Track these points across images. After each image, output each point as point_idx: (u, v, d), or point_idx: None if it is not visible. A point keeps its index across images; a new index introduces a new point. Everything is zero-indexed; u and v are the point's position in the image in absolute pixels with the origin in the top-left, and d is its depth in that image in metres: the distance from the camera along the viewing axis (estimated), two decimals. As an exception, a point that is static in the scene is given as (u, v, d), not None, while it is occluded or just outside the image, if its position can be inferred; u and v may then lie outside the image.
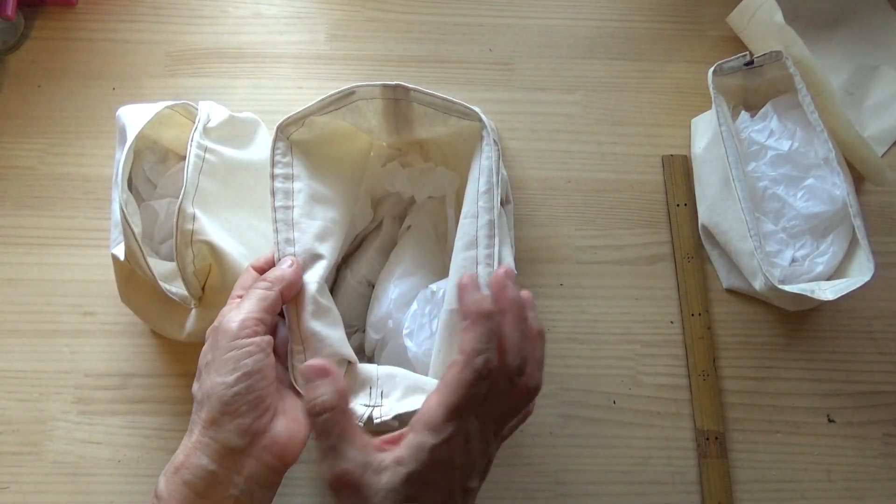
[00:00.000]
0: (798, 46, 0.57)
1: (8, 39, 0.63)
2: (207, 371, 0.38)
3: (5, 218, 0.59)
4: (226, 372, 0.36)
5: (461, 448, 0.33)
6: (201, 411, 0.37)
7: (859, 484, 0.54)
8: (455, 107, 0.45)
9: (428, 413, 0.33)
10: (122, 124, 0.49)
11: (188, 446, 0.37)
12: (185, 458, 0.36)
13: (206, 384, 0.37)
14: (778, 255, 0.56)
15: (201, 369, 0.39)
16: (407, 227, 0.55)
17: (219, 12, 0.67)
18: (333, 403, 0.33)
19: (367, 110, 0.46)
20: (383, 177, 0.54)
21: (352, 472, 0.32)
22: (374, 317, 0.50)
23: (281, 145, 0.45)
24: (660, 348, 0.58)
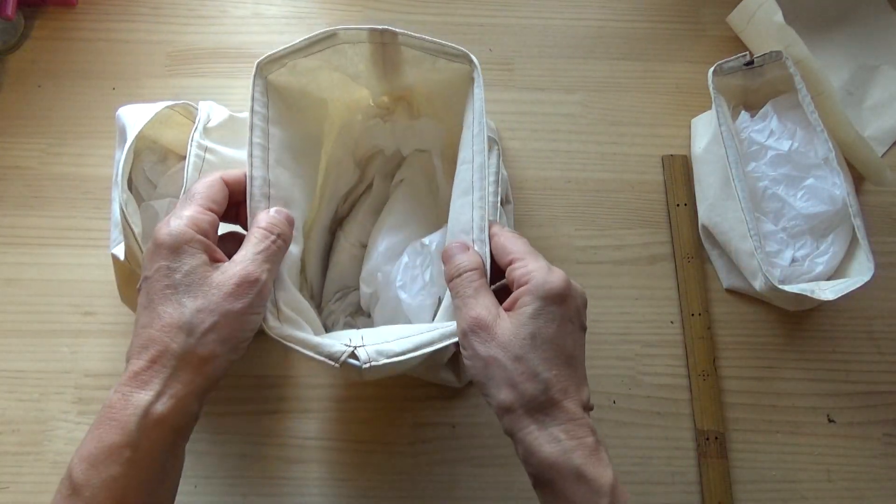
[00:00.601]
0: (798, 46, 0.57)
1: (8, 39, 0.63)
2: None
3: (5, 218, 0.59)
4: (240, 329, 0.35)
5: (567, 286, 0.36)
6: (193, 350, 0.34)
7: (859, 484, 0.54)
8: (445, 48, 0.43)
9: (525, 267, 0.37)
10: (121, 124, 0.49)
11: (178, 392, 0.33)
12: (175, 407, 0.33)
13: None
14: (778, 255, 0.56)
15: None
16: (398, 183, 0.55)
17: (219, 12, 0.67)
18: (474, 266, 0.38)
19: (353, 54, 0.45)
20: (367, 133, 0.53)
21: (485, 316, 0.36)
22: (365, 271, 0.51)
23: (260, 83, 0.43)
24: (660, 348, 0.58)
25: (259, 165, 0.41)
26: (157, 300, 0.34)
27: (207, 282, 0.34)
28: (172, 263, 0.34)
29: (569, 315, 0.36)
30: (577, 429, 0.34)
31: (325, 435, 0.54)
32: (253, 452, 0.53)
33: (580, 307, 0.38)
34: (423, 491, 0.53)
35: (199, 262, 0.35)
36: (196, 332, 0.33)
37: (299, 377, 0.55)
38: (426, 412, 0.55)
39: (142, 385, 0.33)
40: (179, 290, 0.34)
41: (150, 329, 0.34)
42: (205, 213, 0.37)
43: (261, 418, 0.54)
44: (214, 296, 0.34)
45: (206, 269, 0.35)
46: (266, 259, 0.36)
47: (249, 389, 0.55)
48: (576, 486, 0.33)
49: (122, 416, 0.32)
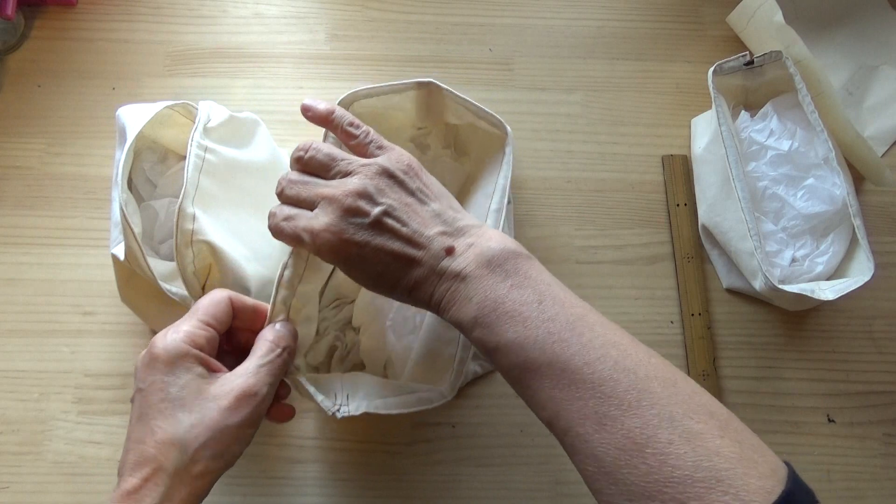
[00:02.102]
0: (798, 46, 0.57)
1: (8, 39, 0.63)
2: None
3: (5, 218, 0.59)
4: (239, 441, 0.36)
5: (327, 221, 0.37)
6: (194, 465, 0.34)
7: (859, 484, 0.54)
8: (484, 114, 0.47)
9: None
10: (121, 124, 0.49)
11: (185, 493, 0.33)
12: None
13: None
14: (778, 255, 0.56)
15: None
16: None
17: (219, 12, 0.67)
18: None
19: (403, 96, 0.49)
20: None
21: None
22: (361, 299, 0.51)
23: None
24: (660, 348, 0.57)
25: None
26: (152, 414, 0.34)
27: (203, 395, 0.34)
28: (167, 377, 0.34)
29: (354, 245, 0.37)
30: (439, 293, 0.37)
31: (325, 435, 0.54)
32: (253, 452, 0.53)
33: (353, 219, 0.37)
34: (422, 491, 0.53)
35: (194, 375, 0.35)
36: (189, 449, 0.33)
37: (299, 377, 0.55)
38: (426, 412, 0.54)
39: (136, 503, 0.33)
40: (175, 403, 0.34)
41: (143, 445, 0.34)
42: (203, 328, 0.37)
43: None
44: (211, 410, 0.34)
45: (203, 382, 0.35)
46: (269, 373, 0.36)
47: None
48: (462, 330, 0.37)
49: None
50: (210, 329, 0.37)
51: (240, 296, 0.40)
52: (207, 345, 0.37)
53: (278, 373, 0.37)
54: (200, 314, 0.37)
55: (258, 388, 0.35)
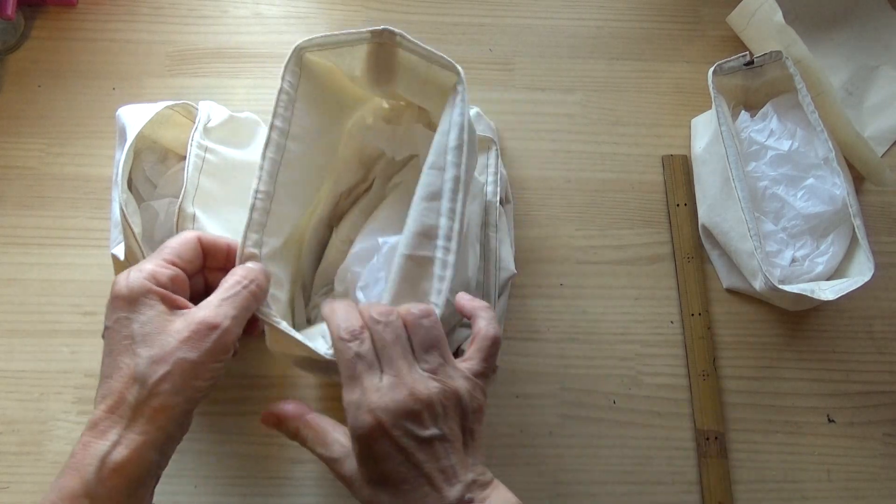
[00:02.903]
0: (798, 46, 0.57)
1: (8, 39, 0.63)
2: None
3: (5, 218, 0.59)
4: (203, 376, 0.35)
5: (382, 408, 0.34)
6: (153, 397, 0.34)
7: (859, 484, 0.54)
8: (436, 57, 0.44)
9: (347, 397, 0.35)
10: (121, 124, 0.49)
11: (133, 441, 0.33)
12: (130, 457, 0.33)
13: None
14: (778, 255, 0.56)
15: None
16: (394, 186, 0.55)
17: (219, 12, 0.67)
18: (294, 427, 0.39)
19: (354, 56, 0.46)
20: (367, 135, 0.54)
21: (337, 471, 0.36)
22: (340, 269, 0.51)
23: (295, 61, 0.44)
24: (660, 348, 0.58)
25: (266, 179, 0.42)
26: (117, 351, 0.34)
27: (165, 330, 0.34)
28: (130, 314, 0.35)
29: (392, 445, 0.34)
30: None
31: (325, 435, 0.54)
32: (253, 452, 0.53)
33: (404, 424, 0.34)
34: (423, 491, 0.53)
35: (157, 311, 0.35)
36: (148, 382, 0.33)
37: (299, 377, 0.55)
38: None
39: (100, 435, 0.33)
40: (136, 340, 0.34)
41: (110, 380, 0.34)
42: (167, 266, 0.37)
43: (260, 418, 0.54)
44: (170, 344, 0.34)
45: (165, 318, 0.35)
46: (233, 305, 0.36)
47: (249, 389, 0.55)
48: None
49: (81, 465, 0.32)
50: (174, 268, 0.37)
51: (212, 236, 0.40)
52: (171, 283, 0.36)
53: (244, 305, 0.36)
54: (165, 253, 0.37)
55: (219, 319, 0.35)
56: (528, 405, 0.55)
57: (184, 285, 0.38)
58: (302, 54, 0.45)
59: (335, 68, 0.47)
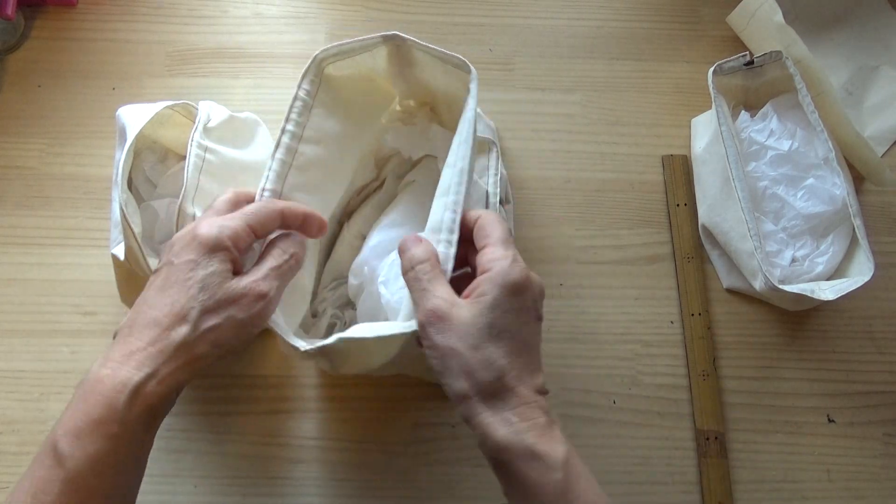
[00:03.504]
0: (798, 46, 0.57)
1: (8, 39, 0.63)
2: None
3: (5, 218, 0.59)
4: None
5: (526, 277, 0.37)
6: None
7: (859, 484, 0.54)
8: (448, 57, 0.46)
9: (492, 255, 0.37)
10: (121, 124, 0.49)
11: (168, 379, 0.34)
12: (160, 392, 0.34)
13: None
14: (778, 255, 0.56)
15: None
16: (407, 184, 0.56)
17: (219, 12, 0.67)
18: (427, 256, 0.38)
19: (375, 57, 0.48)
20: (384, 135, 0.55)
21: (441, 306, 0.36)
22: (355, 263, 0.51)
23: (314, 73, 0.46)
24: (660, 348, 0.58)
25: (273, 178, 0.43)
26: (175, 288, 0.36)
27: (225, 287, 0.36)
28: (202, 260, 0.36)
29: (526, 306, 0.37)
30: (529, 411, 0.35)
31: (325, 435, 0.54)
32: (253, 452, 0.53)
33: (537, 298, 0.38)
34: (422, 491, 0.53)
35: (224, 268, 0.37)
36: (198, 329, 0.35)
37: (299, 377, 0.55)
38: (426, 412, 0.55)
39: (136, 364, 0.34)
40: (199, 285, 0.36)
41: (155, 311, 0.35)
42: (248, 233, 0.38)
43: (261, 418, 0.54)
44: (227, 301, 0.36)
45: (227, 276, 0.37)
46: (277, 276, 0.38)
47: (249, 389, 0.55)
48: (529, 463, 0.34)
49: (111, 392, 0.33)
50: (252, 235, 0.39)
51: (292, 206, 0.41)
52: (245, 247, 0.39)
53: (286, 277, 0.39)
54: (251, 218, 0.39)
55: (266, 289, 0.37)
56: (528, 405, 0.55)
57: (250, 252, 0.40)
58: (323, 66, 0.46)
59: (356, 75, 0.49)
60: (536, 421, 0.35)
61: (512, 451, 0.34)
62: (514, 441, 0.34)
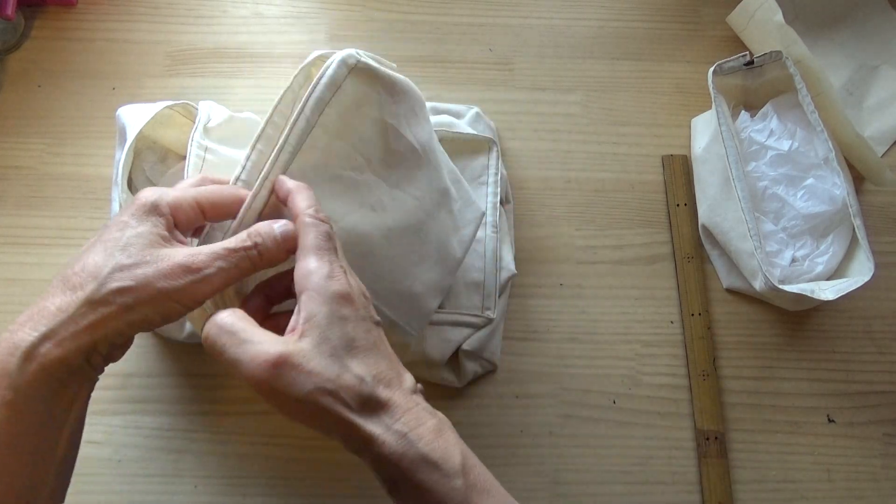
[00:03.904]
0: (798, 46, 0.57)
1: (8, 39, 0.63)
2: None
3: (5, 218, 0.59)
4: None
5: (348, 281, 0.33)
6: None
7: (859, 484, 0.54)
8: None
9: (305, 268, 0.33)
10: (121, 124, 0.49)
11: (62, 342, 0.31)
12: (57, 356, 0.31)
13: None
14: (778, 255, 0.56)
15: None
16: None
17: (219, 12, 0.67)
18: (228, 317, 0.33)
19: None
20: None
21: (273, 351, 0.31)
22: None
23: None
24: (660, 348, 0.58)
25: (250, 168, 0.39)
26: (98, 246, 0.33)
27: (149, 250, 0.32)
28: (132, 221, 0.33)
29: (360, 314, 0.33)
30: (414, 417, 0.32)
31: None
32: (253, 452, 0.53)
33: (366, 303, 0.35)
34: (423, 491, 0.53)
35: (154, 232, 0.33)
36: (106, 287, 0.31)
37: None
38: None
39: (32, 325, 0.31)
40: (120, 244, 0.32)
41: (68, 270, 0.32)
42: (194, 209, 0.35)
43: (261, 418, 0.54)
44: (146, 264, 0.32)
45: (156, 242, 0.33)
46: (226, 258, 0.33)
47: (250, 389, 0.54)
48: (425, 473, 0.31)
49: (3, 356, 0.30)
50: (199, 213, 0.35)
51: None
52: (186, 221, 0.35)
53: (239, 264, 0.34)
54: (202, 194, 0.35)
55: (204, 266, 0.32)
56: (528, 405, 0.55)
57: (199, 231, 0.37)
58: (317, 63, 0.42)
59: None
60: (426, 425, 0.32)
61: (404, 462, 0.31)
62: (406, 450, 0.31)
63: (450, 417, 0.54)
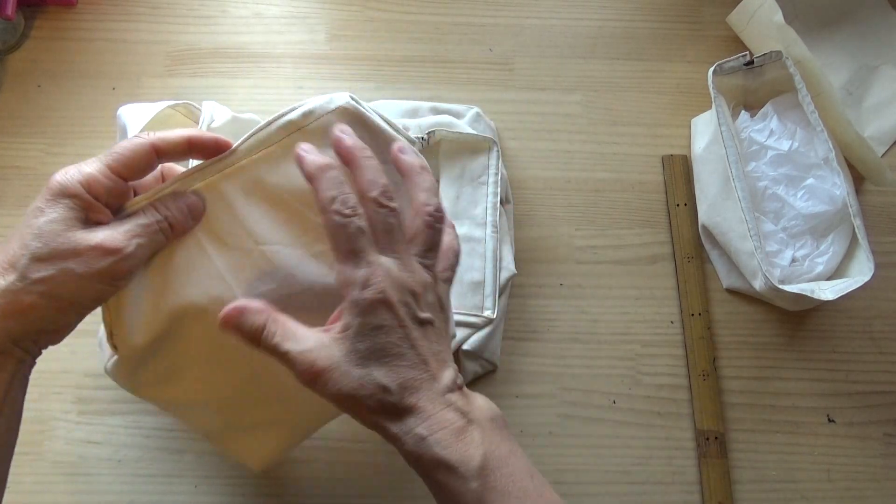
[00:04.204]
0: (798, 46, 0.57)
1: (8, 39, 0.63)
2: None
3: (5, 218, 0.59)
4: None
5: (389, 283, 0.33)
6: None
7: (859, 484, 0.54)
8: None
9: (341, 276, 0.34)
10: (122, 124, 0.49)
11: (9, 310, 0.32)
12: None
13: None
14: (778, 255, 0.56)
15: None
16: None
17: (219, 12, 0.67)
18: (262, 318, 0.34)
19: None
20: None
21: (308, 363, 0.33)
22: None
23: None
24: (660, 348, 0.58)
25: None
26: (16, 236, 0.33)
27: (65, 236, 0.33)
28: (45, 207, 0.33)
29: (396, 321, 0.33)
30: (437, 420, 0.33)
31: (325, 435, 0.54)
32: (253, 452, 0.53)
33: (408, 301, 0.34)
34: (423, 491, 0.52)
35: (68, 216, 0.33)
36: (27, 278, 0.32)
37: (299, 377, 0.55)
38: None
39: None
40: (35, 233, 0.32)
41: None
42: (108, 176, 0.34)
43: (261, 418, 0.54)
44: (63, 251, 0.32)
45: (74, 224, 0.33)
46: (144, 234, 0.34)
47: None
48: (442, 474, 0.32)
49: None
50: (116, 178, 0.35)
51: (165, 136, 0.36)
52: (106, 193, 0.34)
53: (155, 238, 0.35)
54: (113, 159, 0.35)
55: (123, 246, 0.33)
56: (528, 405, 0.55)
57: (122, 196, 0.36)
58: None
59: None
60: (448, 428, 0.33)
61: (422, 462, 0.33)
62: (423, 453, 0.32)
63: (450, 417, 0.55)
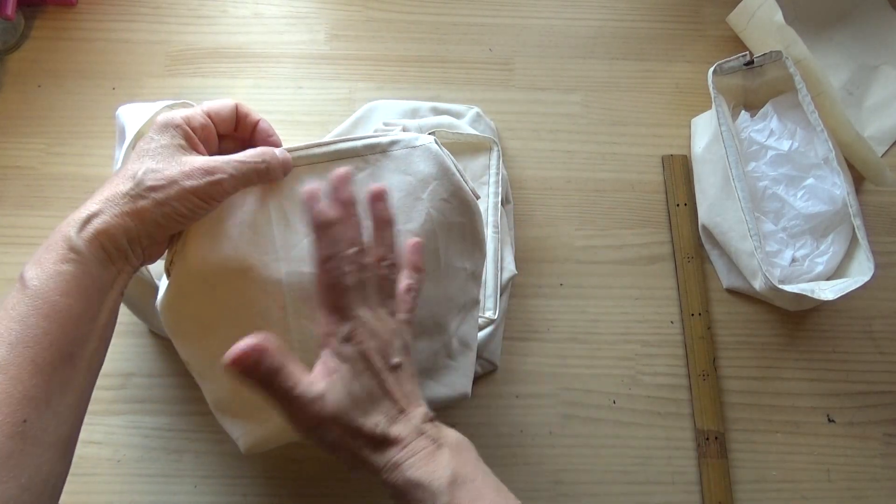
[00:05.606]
0: (798, 46, 0.57)
1: (8, 39, 0.63)
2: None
3: (5, 218, 0.59)
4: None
5: (367, 336, 0.38)
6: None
7: (859, 484, 0.54)
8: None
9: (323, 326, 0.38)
10: (121, 123, 0.49)
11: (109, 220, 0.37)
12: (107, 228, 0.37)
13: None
14: (778, 255, 0.56)
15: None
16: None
17: (219, 12, 0.67)
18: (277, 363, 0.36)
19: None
20: None
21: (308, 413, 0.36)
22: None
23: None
24: (660, 348, 0.58)
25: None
26: (132, 159, 0.38)
27: (174, 156, 0.38)
28: (155, 136, 0.39)
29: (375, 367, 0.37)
30: (410, 449, 0.37)
31: (325, 435, 0.54)
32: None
33: (382, 349, 0.38)
34: (423, 491, 0.53)
35: (175, 142, 0.38)
36: (142, 184, 0.37)
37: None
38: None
39: (84, 208, 0.37)
40: (149, 153, 0.38)
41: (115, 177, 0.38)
42: (202, 116, 0.40)
43: (261, 418, 0.54)
44: (172, 168, 0.37)
45: (180, 149, 0.39)
46: (238, 167, 0.39)
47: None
48: (414, 493, 0.36)
49: (64, 227, 0.37)
50: (208, 119, 0.40)
51: (246, 108, 0.42)
52: (201, 130, 0.40)
53: (249, 173, 0.39)
54: (205, 106, 0.41)
55: (221, 170, 0.38)
56: (528, 405, 0.55)
57: (212, 138, 0.41)
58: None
59: None
60: (420, 453, 0.37)
61: (398, 485, 0.36)
62: (398, 477, 0.36)
63: (450, 417, 0.54)
